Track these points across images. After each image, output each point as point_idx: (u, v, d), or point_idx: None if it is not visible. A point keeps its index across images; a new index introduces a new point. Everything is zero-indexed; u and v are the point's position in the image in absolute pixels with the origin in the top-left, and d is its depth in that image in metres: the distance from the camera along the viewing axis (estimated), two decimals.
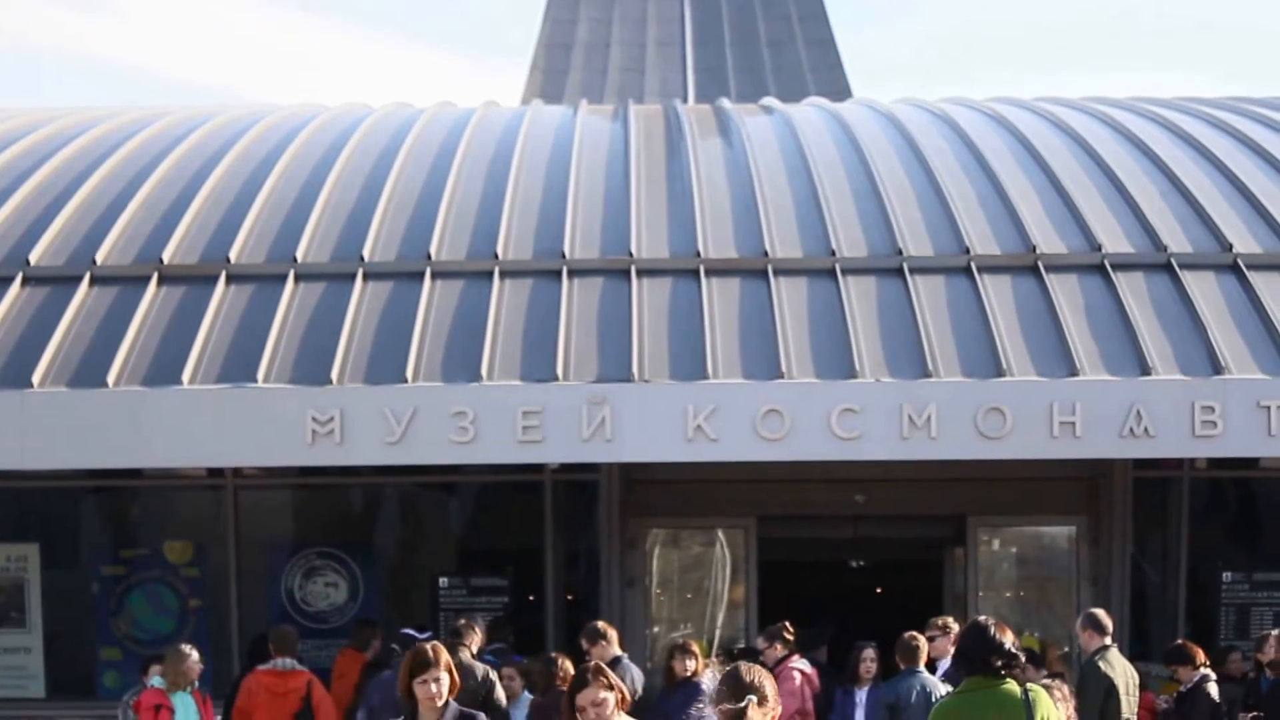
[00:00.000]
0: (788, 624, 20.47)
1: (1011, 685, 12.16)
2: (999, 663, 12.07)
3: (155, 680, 18.38)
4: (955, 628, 19.72)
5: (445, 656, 12.61)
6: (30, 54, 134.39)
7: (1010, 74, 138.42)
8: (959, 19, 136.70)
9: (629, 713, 14.66)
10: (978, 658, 12.12)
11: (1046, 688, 13.32)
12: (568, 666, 19.07)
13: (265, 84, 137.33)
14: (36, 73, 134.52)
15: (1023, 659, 13.02)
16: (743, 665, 10.74)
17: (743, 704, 10.04)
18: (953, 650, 16.00)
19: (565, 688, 18.97)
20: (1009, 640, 12.35)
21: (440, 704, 12.40)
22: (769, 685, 10.49)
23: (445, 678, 12.45)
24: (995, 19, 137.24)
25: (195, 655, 18.80)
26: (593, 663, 11.97)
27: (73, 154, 26.76)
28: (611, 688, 11.31)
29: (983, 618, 13.14)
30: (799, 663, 19.93)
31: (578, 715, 11.38)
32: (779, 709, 10.48)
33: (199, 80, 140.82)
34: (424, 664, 12.39)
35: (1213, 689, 19.74)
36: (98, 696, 22.95)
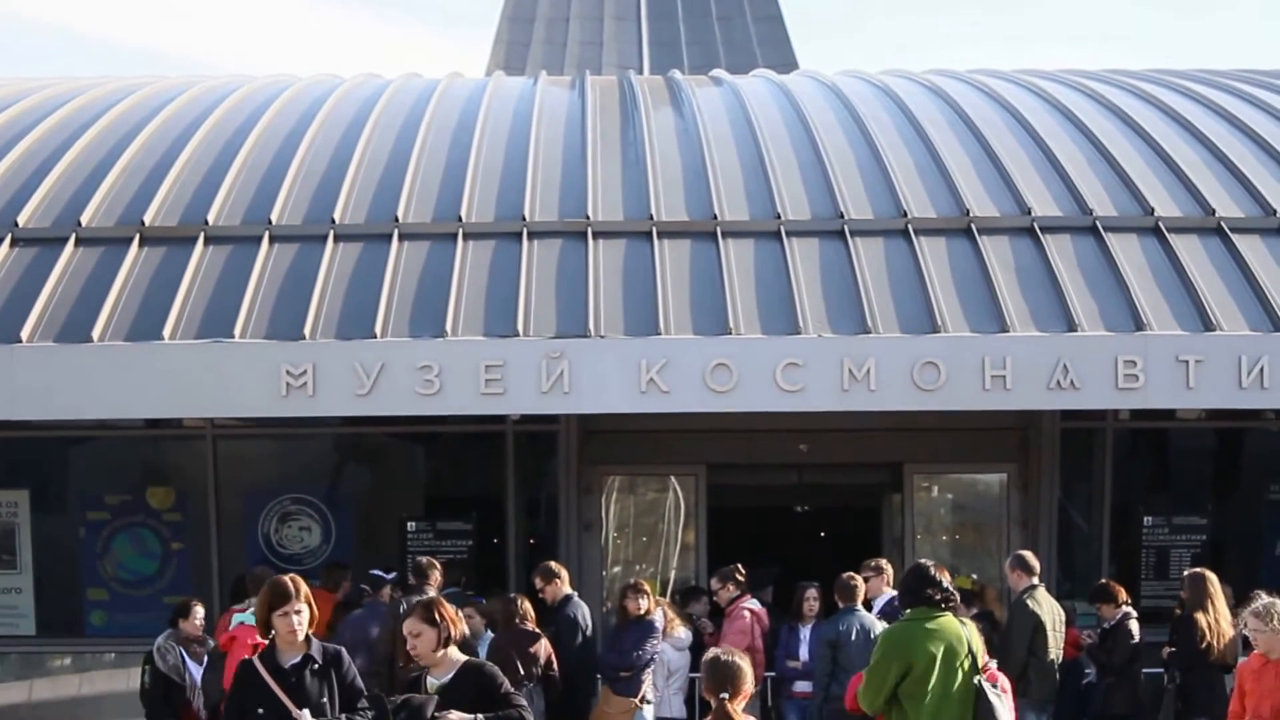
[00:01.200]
0: (739, 566, 20.63)
1: (949, 616, 12.98)
2: (938, 597, 12.94)
3: (247, 617, 18.12)
4: (889, 569, 20.01)
5: (305, 589, 11.89)
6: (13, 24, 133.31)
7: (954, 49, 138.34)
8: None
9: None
10: (920, 593, 12.99)
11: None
12: (527, 607, 19.20)
13: (234, 56, 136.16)
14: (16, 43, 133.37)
15: (957, 596, 13.60)
16: (722, 654, 11.80)
17: (723, 695, 11.45)
18: (895, 588, 16.42)
19: (527, 627, 19.19)
20: (946, 579, 13.18)
21: (300, 638, 11.69)
22: (746, 675, 11.74)
23: (305, 610, 11.70)
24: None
25: None
26: (425, 597, 12.01)
27: (58, 121, 26.62)
28: (435, 624, 11.30)
29: (924, 560, 13.95)
30: (749, 603, 20.02)
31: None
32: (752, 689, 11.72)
33: (168, 52, 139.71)
34: (283, 596, 11.62)
35: (1134, 626, 19.87)
36: (85, 634, 22.99)
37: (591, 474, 23.67)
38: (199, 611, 19.15)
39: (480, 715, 11.23)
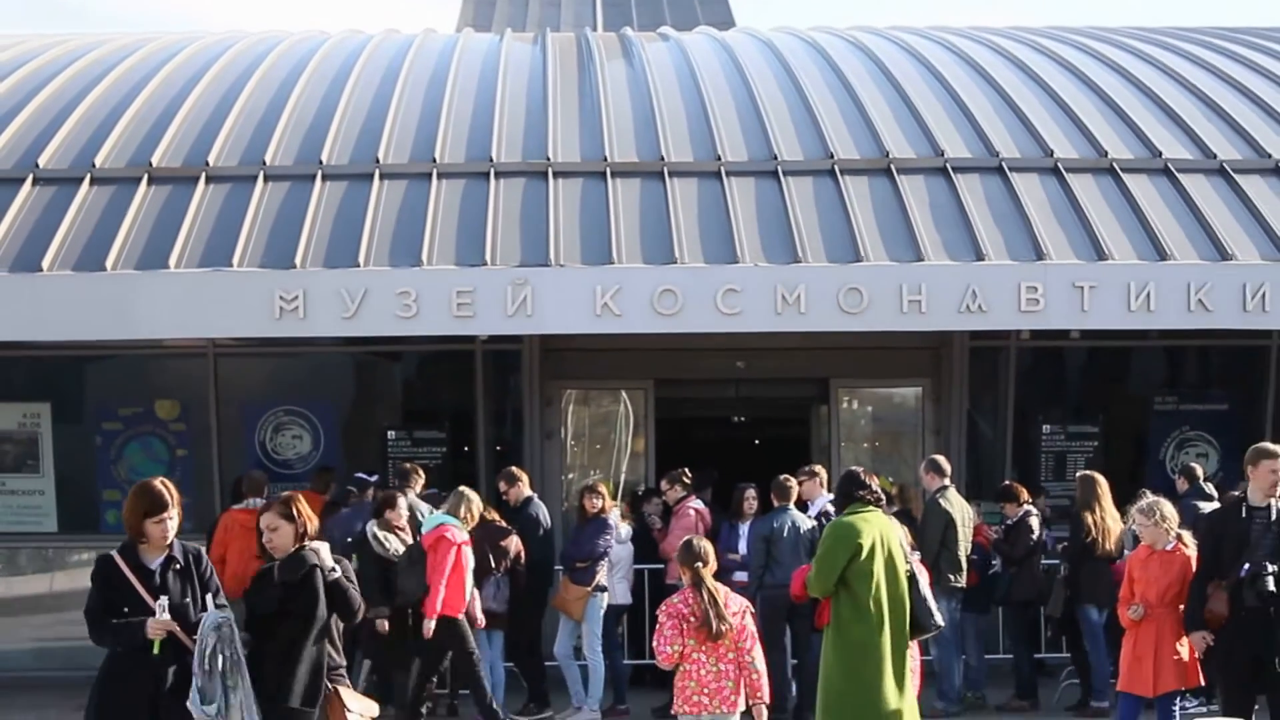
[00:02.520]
0: (685, 470, 20.65)
1: (879, 512, 13.24)
2: (869, 497, 13.17)
3: (446, 518, 17.94)
4: (823, 473, 20.01)
5: (178, 495, 10.98)
6: None
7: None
8: None
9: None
10: (854, 493, 13.23)
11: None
12: (492, 513, 19.31)
13: (226, 12, 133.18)
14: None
15: (884, 496, 13.89)
16: (694, 539, 13.67)
17: (696, 566, 13.10)
18: (830, 491, 16.62)
19: (499, 523, 19.16)
20: (874, 482, 13.47)
21: (167, 542, 10.78)
22: (712, 553, 13.46)
23: (176, 517, 10.82)
24: None
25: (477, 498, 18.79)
26: (285, 494, 11.24)
27: (73, 74, 26.46)
28: (292, 519, 10.85)
29: (855, 467, 14.37)
30: (694, 502, 20.01)
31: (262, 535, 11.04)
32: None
33: (152, 9, 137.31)
34: (159, 504, 10.68)
35: (1034, 522, 19.93)
36: (100, 531, 22.92)
37: (551, 388, 23.65)
38: (403, 504, 18.95)
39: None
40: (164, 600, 10.47)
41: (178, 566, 10.61)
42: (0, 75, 26.31)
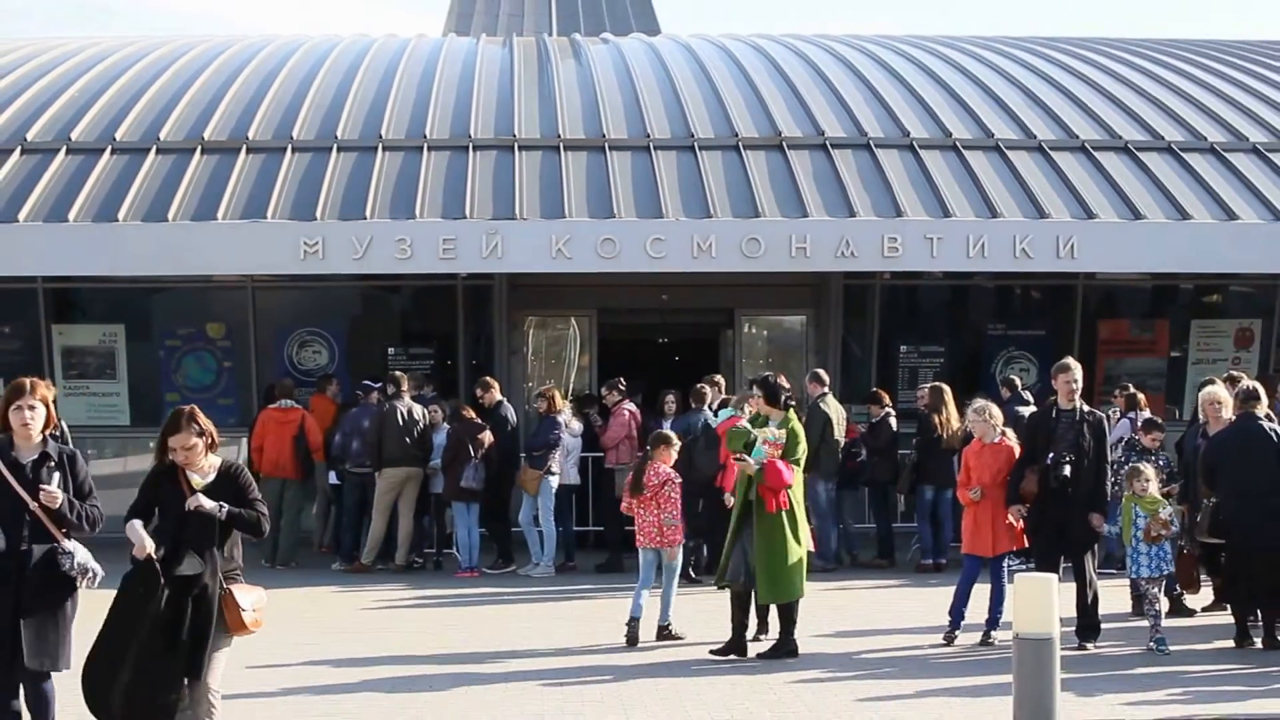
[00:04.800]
0: (621, 379, 20.70)
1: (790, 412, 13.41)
2: (789, 398, 13.53)
3: (731, 411, 17.52)
4: (722, 381, 20.08)
5: (44, 391, 9.15)
6: None
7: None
8: None
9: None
10: (780, 393, 13.45)
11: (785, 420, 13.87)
12: (467, 410, 19.37)
13: (245, 13, 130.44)
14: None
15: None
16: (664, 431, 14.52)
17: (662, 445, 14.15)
18: (725, 395, 16.53)
19: (475, 420, 19.22)
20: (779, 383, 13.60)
21: (34, 436, 9.00)
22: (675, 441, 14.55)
23: (40, 409, 8.99)
24: None
25: None
26: (187, 408, 9.18)
27: (141, 68, 26.31)
28: (203, 434, 8.94)
29: (770, 374, 14.21)
30: (628, 405, 20.03)
31: (168, 455, 9.02)
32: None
33: (169, 8, 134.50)
34: (18, 392, 8.97)
35: (893, 421, 20.09)
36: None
37: (517, 315, 23.61)
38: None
39: (227, 506, 8.95)
40: (55, 487, 8.89)
41: (51, 464, 8.93)
42: (85, 68, 26.29)
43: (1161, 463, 16.31)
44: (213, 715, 8.79)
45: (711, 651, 13.31)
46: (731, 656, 13.27)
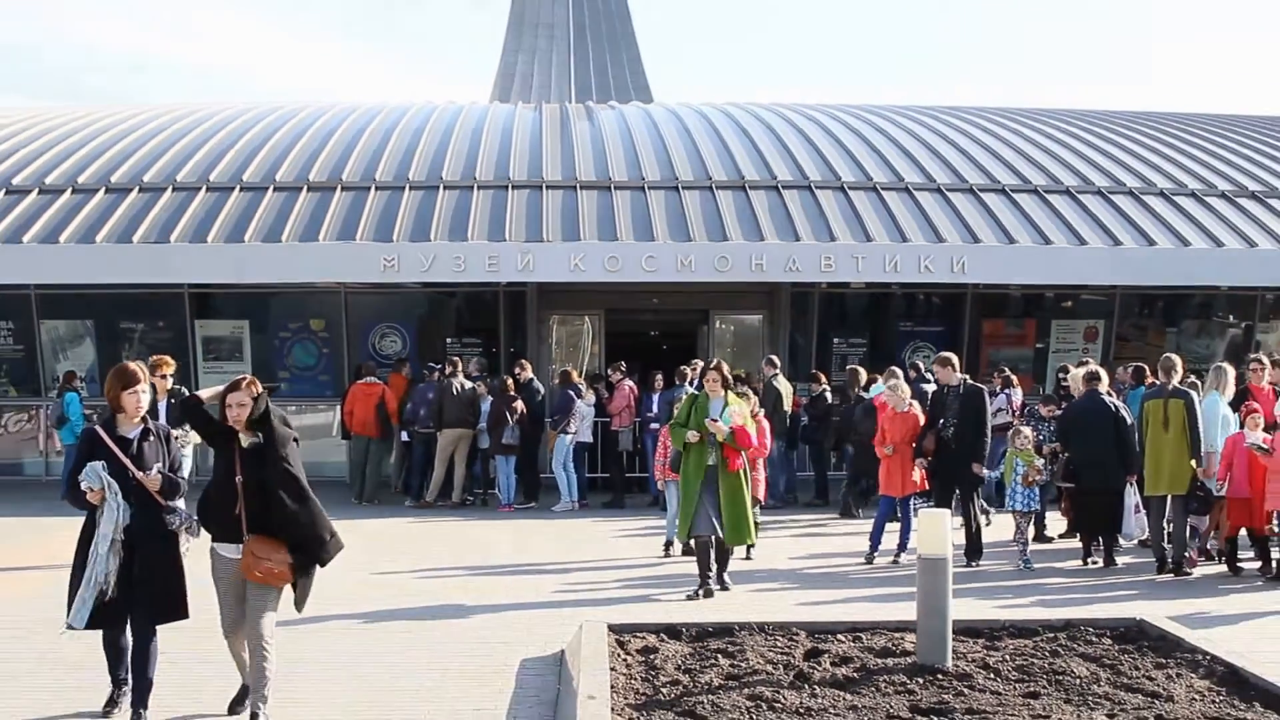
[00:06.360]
0: (622, 362, 20.72)
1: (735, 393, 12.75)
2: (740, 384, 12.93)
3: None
4: (699, 364, 20.08)
5: (147, 375, 8.21)
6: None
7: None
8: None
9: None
10: (736, 381, 13.12)
11: (744, 393, 13.77)
12: (509, 382, 19.31)
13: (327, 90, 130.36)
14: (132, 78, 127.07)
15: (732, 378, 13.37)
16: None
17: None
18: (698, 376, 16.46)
19: (512, 393, 19.19)
20: (725, 369, 12.71)
21: (142, 414, 7.98)
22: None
23: (147, 393, 8.05)
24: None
25: None
26: (246, 377, 7.94)
27: (262, 127, 26.38)
28: (255, 399, 7.80)
29: (715, 359, 13.77)
30: (627, 382, 20.02)
31: (227, 410, 7.85)
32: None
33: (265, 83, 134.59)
34: (131, 379, 7.91)
35: (828, 394, 20.00)
36: (277, 396, 22.79)
37: (544, 314, 23.56)
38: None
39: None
40: (156, 469, 7.84)
41: (150, 438, 7.93)
42: (219, 127, 26.33)
43: (1053, 428, 16.12)
44: (267, 656, 7.70)
45: (687, 597, 11.97)
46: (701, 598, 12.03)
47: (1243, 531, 13.68)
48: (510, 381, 19.41)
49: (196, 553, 7.99)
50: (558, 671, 8.94)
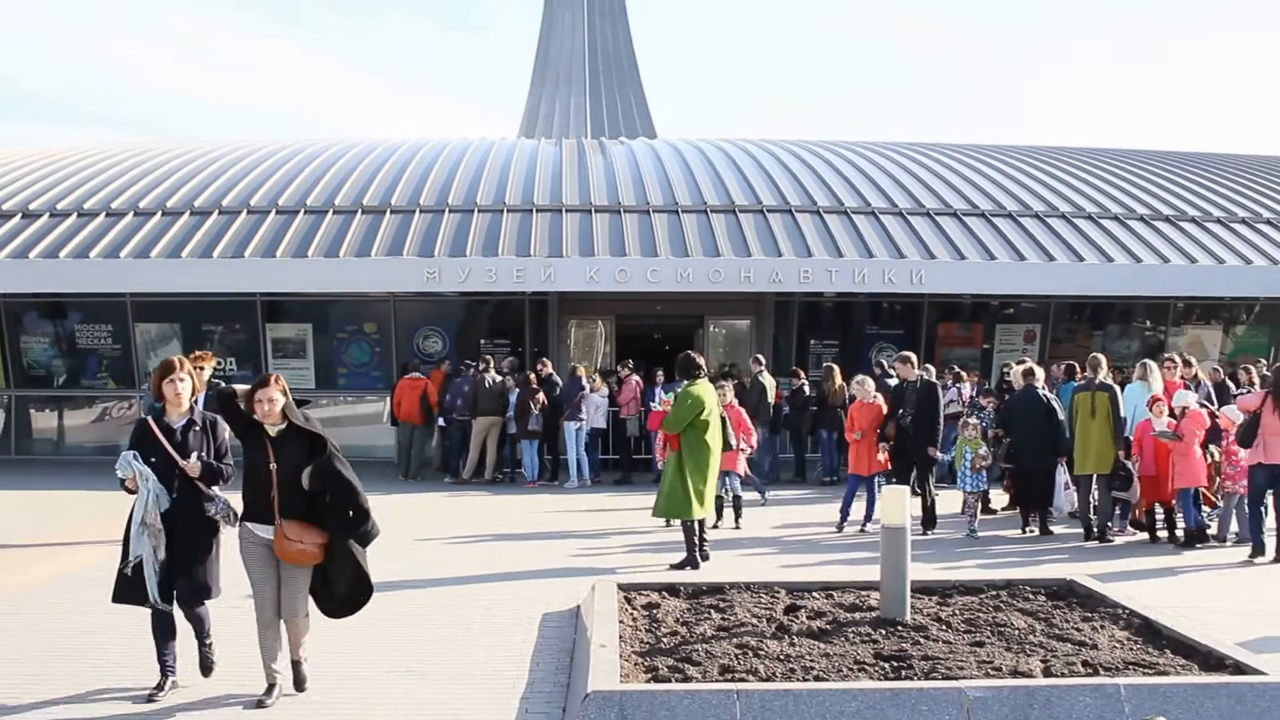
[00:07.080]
0: (630, 360, 20.71)
1: (706, 381, 12.05)
2: (699, 372, 11.93)
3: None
4: (703, 361, 20.08)
5: (188, 365, 7.49)
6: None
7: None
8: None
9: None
10: (692, 369, 11.90)
11: (721, 387, 13.62)
12: (533, 377, 19.30)
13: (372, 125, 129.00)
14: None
15: (706, 372, 12.88)
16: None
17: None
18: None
19: (535, 387, 19.19)
20: (702, 361, 12.18)
21: (185, 403, 7.38)
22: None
23: (188, 381, 7.35)
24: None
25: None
26: (274, 374, 7.19)
27: (323, 160, 26.39)
28: (285, 394, 7.09)
29: (690, 352, 12.31)
30: (634, 377, 20.02)
31: (255, 405, 7.07)
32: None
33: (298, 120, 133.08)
34: (169, 368, 7.34)
35: (806, 387, 19.91)
36: (334, 388, 22.88)
37: (564, 319, 23.56)
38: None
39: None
40: (193, 459, 7.26)
41: (196, 428, 7.33)
42: (287, 159, 26.29)
43: (993, 416, 16.28)
44: (304, 621, 7.35)
45: (671, 567, 11.64)
46: (687, 569, 11.54)
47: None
48: (533, 376, 19.42)
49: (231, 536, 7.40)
50: (574, 624, 8.99)
